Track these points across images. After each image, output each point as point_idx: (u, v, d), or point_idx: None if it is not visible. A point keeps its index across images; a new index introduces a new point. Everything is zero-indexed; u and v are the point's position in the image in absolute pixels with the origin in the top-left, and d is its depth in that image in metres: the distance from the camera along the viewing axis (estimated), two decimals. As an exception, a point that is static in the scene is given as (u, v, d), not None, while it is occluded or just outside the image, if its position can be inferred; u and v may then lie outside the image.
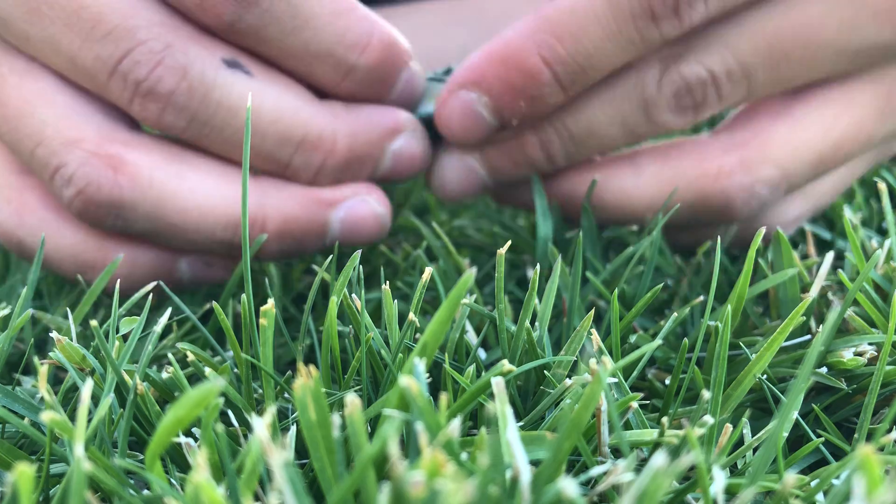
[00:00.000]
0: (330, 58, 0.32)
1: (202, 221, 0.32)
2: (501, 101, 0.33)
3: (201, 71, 0.31)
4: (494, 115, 0.34)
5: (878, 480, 0.17)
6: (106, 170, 0.31)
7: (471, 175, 0.37)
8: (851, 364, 0.27)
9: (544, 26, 0.32)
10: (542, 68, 0.32)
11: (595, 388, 0.19)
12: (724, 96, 0.34)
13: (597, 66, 0.33)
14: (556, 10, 0.32)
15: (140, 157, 0.32)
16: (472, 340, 0.29)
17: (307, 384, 0.19)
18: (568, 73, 0.33)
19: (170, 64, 0.30)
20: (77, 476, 0.18)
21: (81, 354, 0.26)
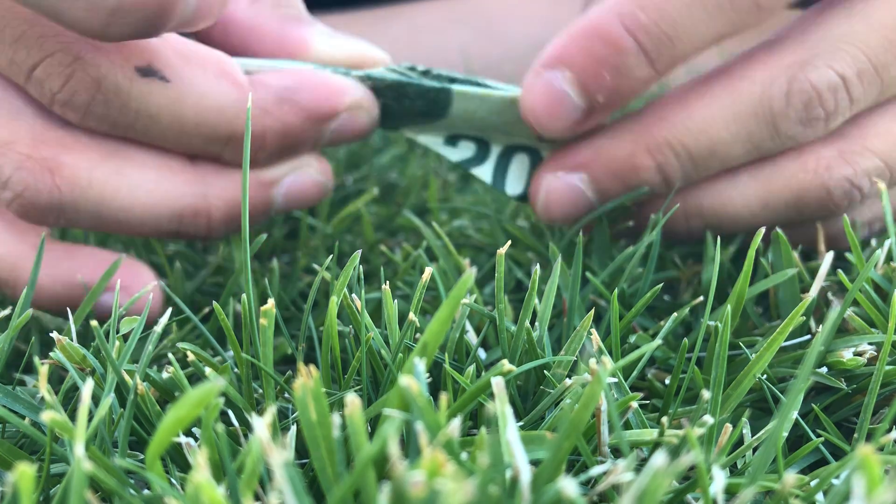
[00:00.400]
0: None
1: (146, 216, 0.32)
2: (586, 74, 0.32)
3: (115, 83, 0.30)
4: (580, 92, 0.32)
5: (878, 480, 0.17)
6: (43, 173, 0.30)
7: (576, 196, 0.35)
8: (851, 364, 0.27)
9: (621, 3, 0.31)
10: (624, 36, 0.31)
11: (595, 387, 0.19)
12: (857, 99, 0.32)
13: (684, 35, 0.31)
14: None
15: (77, 157, 0.31)
16: (472, 340, 0.29)
17: (307, 384, 0.19)
18: (653, 42, 0.31)
19: (80, 77, 0.29)
20: (77, 476, 0.18)
21: (82, 354, 0.26)
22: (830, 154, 0.33)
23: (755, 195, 0.34)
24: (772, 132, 0.33)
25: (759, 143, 0.33)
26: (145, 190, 0.32)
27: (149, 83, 0.30)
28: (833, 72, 0.31)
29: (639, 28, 0.31)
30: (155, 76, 0.30)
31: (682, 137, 0.33)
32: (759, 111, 0.32)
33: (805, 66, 0.31)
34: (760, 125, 0.32)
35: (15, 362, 0.33)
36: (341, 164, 0.57)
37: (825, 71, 0.31)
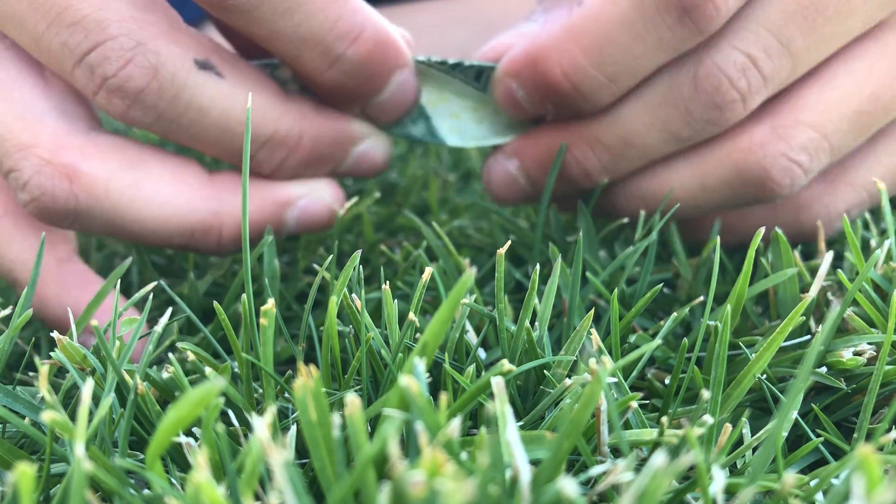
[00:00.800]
0: (318, 45, 0.32)
1: (158, 229, 0.33)
2: (532, 97, 0.34)
3: (172, 72, 0.30)
4: (531, 106, 0.35)
5: (878, 480, 0.17)
6: (61, 180, 0.31)
7: (510, 180, 0.37)
8: (851, 364, 0.27)
9: (569, 36, 0.32)
10: (560, 80, 0.32)
11: (595, 387, 0.19)
12: (769, 77, 0.32)
13: (628, 71, 0.32)
14: (582, 18, 0.32)
15: (95, 166, 0.31)
16: (472, 340, 0.29)
17: (307, 384, 0.19)
18: (591, 85, 0.32)
19: (140, 63, 0.30)
20: (77, 476, 0.18)
21: (82, 354, 0.26)
22: (762, 131, 0.33)
23: (691, 178, 0.34)
24: (686, 118, 0.33)
25: (676, 131, 0.33)
26: (159, 204, 0.32)
27: (205, 76, 0.31)
28: (738, 51, 0.31)
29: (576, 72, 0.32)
30: (211, 70, 0.31)
31: (595, 132, 0.34)
32: (670, 99, 0.32)
33: (709, 49, 0.31)
34: (673, 113, 0.33)
35: (16, 363, 0.33)
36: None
37: (730, 52, 0.31)
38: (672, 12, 0.30)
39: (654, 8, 0.30)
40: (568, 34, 0.32)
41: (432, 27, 0.74)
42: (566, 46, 0.32)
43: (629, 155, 0.34)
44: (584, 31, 0.32)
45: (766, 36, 0.31)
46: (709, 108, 0.32)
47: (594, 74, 0.32)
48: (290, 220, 0.35)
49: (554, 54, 0.32)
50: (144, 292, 0.30)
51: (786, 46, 0.31)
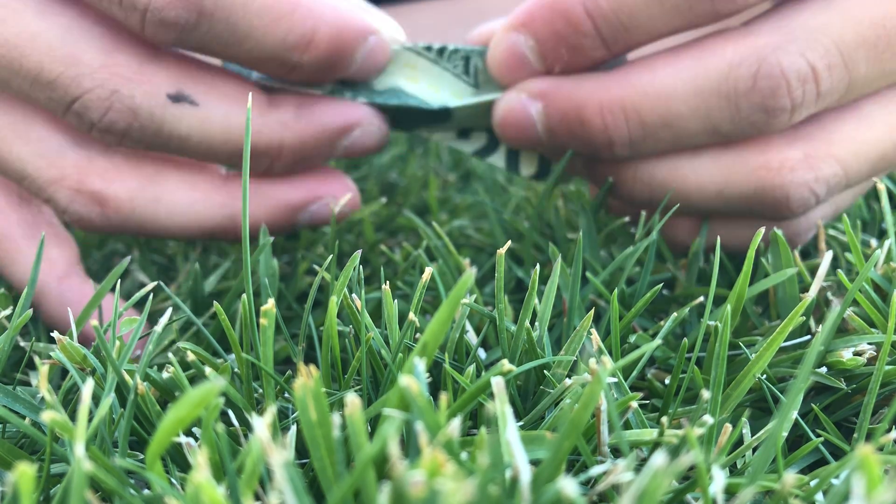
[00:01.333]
0: (274, 60, 0.33)
1: (180, 232, 0.35)
2: (545, 45, 0.34)
3: (149, 111, 0.32)
4: (538, 59, 0.34)
5: (878, 480, 0.17)
6: (92, 206, 0.34)
7: (528, 124, 0.35)
8: (851, 364, 0.27)
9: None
10: (584, 18, 0.32)
11: (595, 387, 0.19)
12: (823, 94, 0.31)
13: (640, 27, 0.32)
14: None
15: (118, 188, 0.34)
16: (472, 340, 0.29)
17: (307, 384, 0.19)
18: (609, 28, 0.32)
19: (119, 108, 0.32)
20: (77, 476, 0.18)
21: (82, 354, 0.26)
22: (796, 156, 0.32)
23: (712, 180, 0.34)
24: (733, 113, 0.32)
25: (717, 123, 0.32)
26: (179, 214, 0.35)
27: (180, 108, 0.33)
28: (805, 60, 0.31)
29: (598, 14, 0.32)
30: (185, 101, 0.33)
31: (638, 101, 0.33)
32: (724, 89, 0.32)
33: (778, 49, 0.31)
34: (722, 104, 0.32)
35: (16, 363, 0.33)
36: (341, 164, 0.57)
37: (797, 58, 0.31)
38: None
39: None
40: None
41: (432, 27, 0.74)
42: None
43: (662, 135, 0.33)
44: None
45: (835, 53, 0.31)
46: (758, 110, 0.31)
47: (613, 18, 0.32)
48: (301, 221, 0.37)
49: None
50: (144, 292, 0.30)
51: (849, 70, 0.31)
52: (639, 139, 0.33)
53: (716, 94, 0.32)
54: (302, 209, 0.36)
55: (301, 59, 0.33)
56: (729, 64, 0.31)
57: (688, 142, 0.33)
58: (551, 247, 0.34)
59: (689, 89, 0.32)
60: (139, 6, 0.30)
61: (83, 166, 0.34)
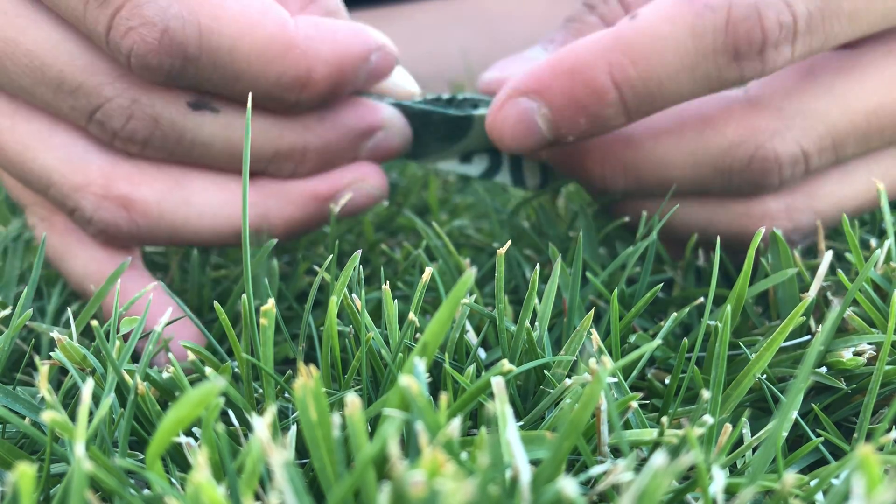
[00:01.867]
0: (272, 99, 0.32)
1: (214, 236, 0.35)
2: (562, 114, 0.32)
3: (171, 119, 0.32)
4: (551, 129, 0.33)
5: (878, 480, 0.17)
6: (119, 210, 0.33)
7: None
8: (851, 364, 0.27)
9: (620, 46, 0.31)
10: (609, 87, 0.31)
11: (595, 387, 0.19)
12: (812, 170, 0.33)
13: (666, 95, 0.31)
14: (635, 31, 0.31)
15: (145, 192, 0.33)
16: (472, 340, 0.29)
17: (307, 384, 0.19)
18: (635, 98, 0.31)
19: (140, 117, 0.32)
20: (77, 476, 0.18)
21: (82, 354, 0.26)
22: (778, 207, 0.34)
23: (696, 220, 0.35)
24: (724, 183, 0.34)
25: (708, 187, 0.34)
26: (210, 216, 0.34)
27: (201, 115, 0.33)
28: (799, 148, 0.32)
29: (626, 82, 0.31)
30: (206, 108, 0.33)
31: (638, 163, 0.35)
32: (720, 164, 0.33)
33: (775, 135, 0.32)
34: (716, 175, 0.34)
35: (16, 363, 0.33)
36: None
37: (792, 146, 0.32)
38: (725, 52, 0.30)
39: (710, 43, 0.30)
40: (619, 43, 0.31)
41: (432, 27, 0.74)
42: (616, 55, 0.31)
43: (655, 189, 0.35)
44: (637, 43, 0.31)
45: (827, 139, 0.32)
46: (748, 183, 0.33)
47: (642, 91, 0.31)
48: (333, 211, 0.36)
49: (602, 62, 0.31)
50: (144, 292, 0.30)
51: (837, 151, 0.33)
52: (633, 189, 0.36)
53: (711, 167, 0.34)
54: (331, 199, 0.36)
55: (299, 97, 0.32)
56: (729, 143, 0.33)
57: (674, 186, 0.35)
58: (551, 247, 0.34)
59: (688, 161, 0.34)
60: (123, 50, 0.30)
61: (108, 171, 0.33)
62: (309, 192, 0.36)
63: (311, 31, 0.32)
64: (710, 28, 0.30)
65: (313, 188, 0.36)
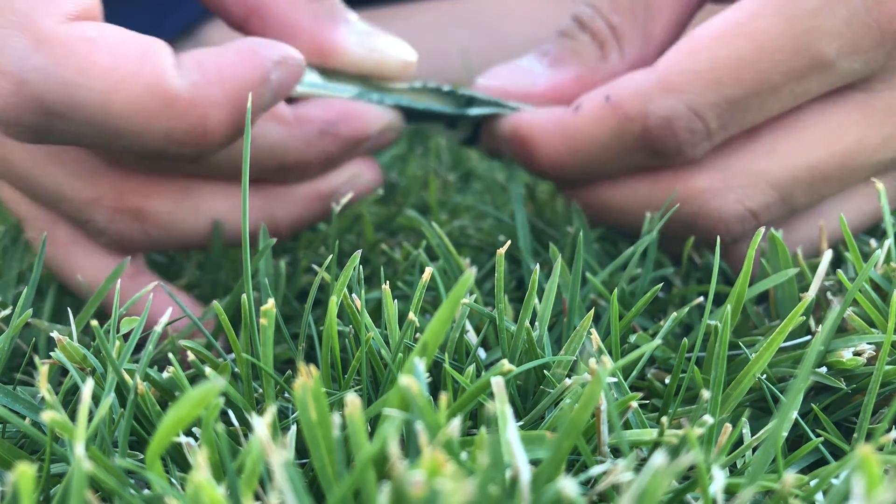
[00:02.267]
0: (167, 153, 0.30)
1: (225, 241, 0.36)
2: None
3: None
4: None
5: (878, 480, 0.17)
6: (132, 222, 0.33)
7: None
8: (851, 364, 0.27)
9: (560, 135, 0.34)
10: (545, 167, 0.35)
11: (595, 387, 0.19)
12: (762, 223, 0.34)
13: (601, 173, 0.35)
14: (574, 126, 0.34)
15: (157, 203, 0.34)
16: (472, 340, 0.29)
17: (307, 384, 0.19)
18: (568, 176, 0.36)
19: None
20: (77, 476, 0.18)
21: (82, 354, 0.26)
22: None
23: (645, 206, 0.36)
24: (680, 229, 0.35)
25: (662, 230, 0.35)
26: (220, 221, 0.35)
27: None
28: (743, 206, 0.33)
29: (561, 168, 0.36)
30: None
31: (593, 206, 0.37)
32: (671, 216, 0.34)
33: (717, 195, 0.33)
34: (670, 224, 0.34)
35: (16, 363, 0.33)
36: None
37: (735, 205, 0.33)
38: (644, 151, 0.33)
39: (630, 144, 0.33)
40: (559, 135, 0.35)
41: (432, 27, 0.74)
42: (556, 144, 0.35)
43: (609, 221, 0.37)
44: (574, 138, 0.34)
45: (772, 195, 0.33)
46: (702, 236, 0.35)
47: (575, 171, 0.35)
48: (336, 206, 0.37)
49: (544, 147, 0.35)
50: (144, 292, 0.30)
51: (787, 203, 0.34)
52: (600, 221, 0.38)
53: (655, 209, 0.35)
54: (332, 196, 0.37)
55: (200, 148, 0.30)
56: (677, 198, 0.34)
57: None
58: (552, 247, 0.34)
59: (642, 209, 0.35)
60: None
61: (119, 185, 0.33)
62: (313, 194, 0.37)
63: (195, 75, 0.28)
64: (628, 133, 0.33)
65: (316, 189, 0.37)
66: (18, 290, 0.37)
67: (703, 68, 0.31)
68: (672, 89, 0.32)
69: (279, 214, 0.36)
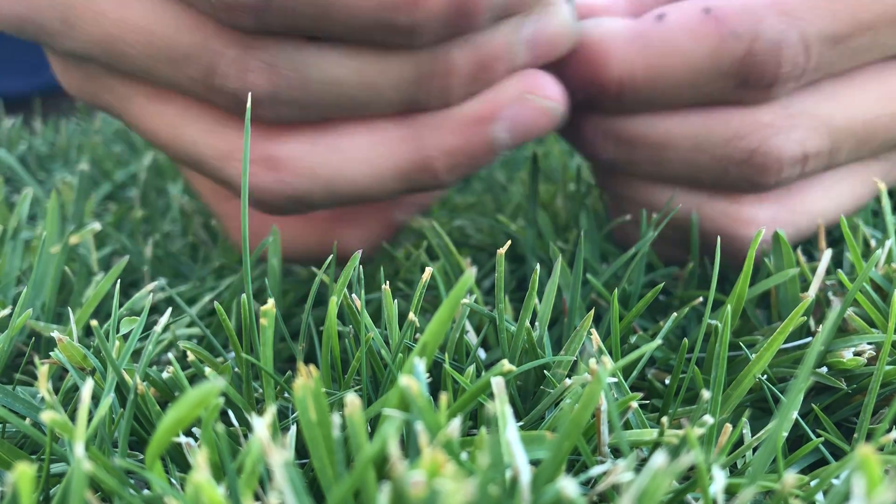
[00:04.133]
0: (379, 29, 0.27)
1: (373, 182, 0.31)
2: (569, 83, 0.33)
3: (289, 60, 0.28)
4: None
5: (878, 480, 0.17)
6: (268, 173, 0.30)
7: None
8: (851, 364, 0.27)
9: (638, 44, 0.31)
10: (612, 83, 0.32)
11: (595, 387, 0.19)
12: (808, 171, 0.33)
13: (663, 101, 0.32)
14: (658, 37, 0.31)
15: (290, 147, 0.31)
16: (472, 340, 0.29)
17: (307, 384, 0.19)
18: (634, 97, 0.32)
19: (257, 67, 0.28)
20: (77, 476, 0.18)
21: (82, 354, 0.26)
22: (764, 217, 0.33)
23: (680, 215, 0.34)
24: (719, 174, 0.33)
25: (700, 175, 0.33)
26: (363, 159, 0.31)
27: (318, 48, 0.28)
28: (800, 148, 0.32)
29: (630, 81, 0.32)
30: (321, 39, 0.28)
31: (634, 136, 0.34)
32: (719, 153, 0.32)
33: (780, 133, 0.32)
34: (713, 164, 0.33)
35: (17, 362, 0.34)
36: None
37: (795, 146, 0.32)
38: (735, 78, 0.30)
39: (724, 68, 0.30)
40: (639, 46, 0.31)
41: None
42: (634, 56, 0.31)
43: (641, 159, 0.34)
44: (658, 52, 0.31)
45: (826, 142, 0.32)
46: (743, 179, 0.33)
47: (643, 92, 0.32)
48: (500, 134, 0.31)
49: (618, 58, 0.31)
50: (145, 292, 0.30)
51: (835, 154, 0.33)
52: (621, 162, 0.35)
53: (710, 155, 0.32)
54: (494, 119, 0.31)
55: (414, 21, 0.27)
56: (733, 133, 0.32)
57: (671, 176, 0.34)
58: (552, 247, 0.34)
59: (688, 143, 0.33)
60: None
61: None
62: (469, 117, 0.31)
63: None
64: (728, 55, 0.30)
65: (473, 111, 0.31)
66: (19, 289, 0.37)
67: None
68: (787, 12, 0.30)
69: (431, 146, 0.31)
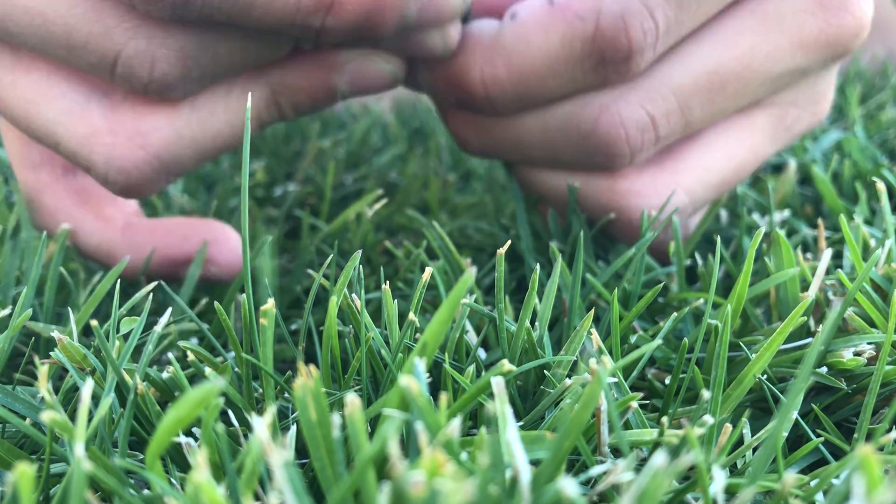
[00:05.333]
0: (292, 27, 0.28)
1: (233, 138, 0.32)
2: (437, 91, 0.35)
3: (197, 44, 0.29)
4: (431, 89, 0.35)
5: (878, 480, 0.17)
6: (134, 152, 0.30)
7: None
8: (851, 364, 0.27)
9: (496, 49, 0.33)
10: (477, 86, 0.33)
11: (595, 387, 0.19)
12: (662, 137, 0.33)
13: (533, 96, 0.33)
14: (512, 37, 0.32)
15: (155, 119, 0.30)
16: (472, 340, 0.29)
17: (307, 384, 0.19)
18: (502, 99, 0.33)
19: (164, 57, 0.28)
20: (77, 476, 0.18)
21: (82, 354, 0.26)
22: (643, 184, 0.34)
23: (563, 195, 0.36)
24: (575, 151, 0.34)
25: (560, 155, 0.35)
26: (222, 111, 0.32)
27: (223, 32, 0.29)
28: (644, 111, 0.33)
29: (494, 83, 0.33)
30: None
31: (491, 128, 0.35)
32: (567, 130, 0.33)
33: (619, 99, 0.33)
34: (565, 141, 0.34)
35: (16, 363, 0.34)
36: (341, 163, 0.57)
37: (636, 109, 0.33)
38: (592, 59, 0.31)
39: (578, 51, 0.31)
40: (497, 48, 0.33)
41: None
42: (492, 58, 0.33)
43: (511, 153, 0.36)
44: (514, 50, 0.32)
45: (671, 101, 0.33)
46: (597, 154, 0.34)
47: (510, 91, 0.33)
48: (340, 83, 0.33)
49: (478, 63, 0.33)
50: (145, 292, 0.30)
51: (685, 114, 0.33)
52: (491, 152, 0.37)
53: (559, 132, 0.34)
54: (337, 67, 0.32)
55: (325, 24, 0.28)
56: (574, 106, 0.33)
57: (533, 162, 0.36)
58: (552, 247, 0.34)
59: (539, 125, 0.34)
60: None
61: (109, 113, 0.30)
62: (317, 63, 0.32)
63: None
64: (578, 37, 0.31)
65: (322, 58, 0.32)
66: (18, 290, 0.37)
67: None
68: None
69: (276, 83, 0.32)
